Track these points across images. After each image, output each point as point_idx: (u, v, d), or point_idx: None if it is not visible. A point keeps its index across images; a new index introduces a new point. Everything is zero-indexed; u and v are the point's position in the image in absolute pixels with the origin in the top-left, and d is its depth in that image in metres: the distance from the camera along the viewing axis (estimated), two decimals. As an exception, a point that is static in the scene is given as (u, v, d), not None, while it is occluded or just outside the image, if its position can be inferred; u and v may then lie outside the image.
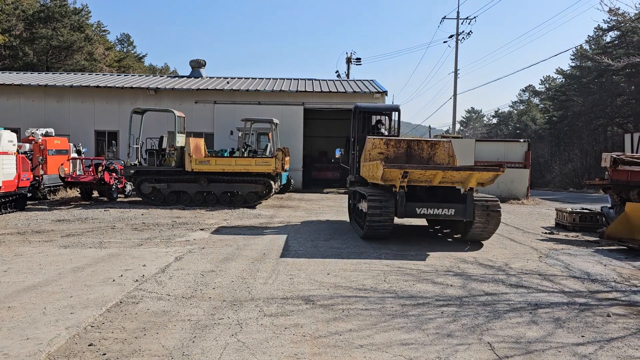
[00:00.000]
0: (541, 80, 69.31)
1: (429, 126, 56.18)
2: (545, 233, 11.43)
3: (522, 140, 22.39)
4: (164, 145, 16.12)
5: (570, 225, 12.05)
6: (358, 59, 44.61)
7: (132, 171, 15.21)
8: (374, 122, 12.85)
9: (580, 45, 47.65)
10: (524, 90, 71.41)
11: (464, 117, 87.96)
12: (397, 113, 12.54)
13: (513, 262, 8.04)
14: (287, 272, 6.93)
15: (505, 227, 12.27)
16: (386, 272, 7.02)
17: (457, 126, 49.27)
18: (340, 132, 28.98)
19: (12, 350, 4.11)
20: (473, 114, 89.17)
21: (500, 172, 8.75)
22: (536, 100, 66.10)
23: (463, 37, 35.28)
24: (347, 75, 43.89)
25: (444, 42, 38.05)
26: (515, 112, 68.56)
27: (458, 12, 35.56)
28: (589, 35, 52.73)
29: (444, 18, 36.77)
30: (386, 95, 22.60)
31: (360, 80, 27.02)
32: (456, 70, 34.98)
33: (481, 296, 5.96)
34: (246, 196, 15.13)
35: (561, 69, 53.25)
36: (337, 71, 63.94)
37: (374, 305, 5.48)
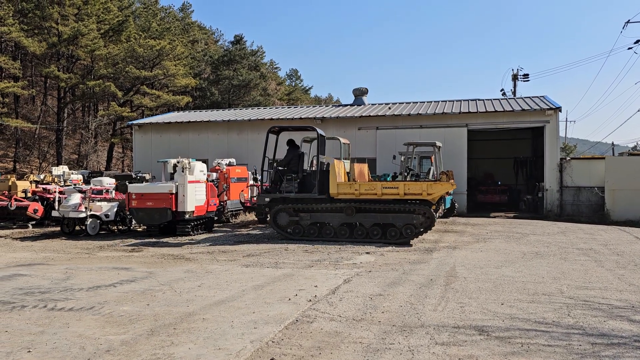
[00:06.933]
0: None
1: (612, 143, 49.85)
2: None
3: None
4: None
5: None
6: (525, 75, 41.79)
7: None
8: None
9: None
10: None
11: (656, 131, 76.70)
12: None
13: None
14: (457, 299, 6.69)
15: None
16: (569, 306, 6.36)
17: (649, 141, 43.11)
18: (508, 152, 27.38)
19: (207, 358, 4.60)
20: (669, 127, 77.24)
21: None
22: None
23: (653, 41, 31.05)
24: (513, 93, 41.31)
25: (629, 48, 33.76)
26: None
27: (646, 14, 31.53)
28: None
29: (627, 22, 33.10)
30: (560, 111, 20.79)
31: (528, 97, 25.22)
32: (646, 78, 30.87)
33: (694, 340, 5.07)
34: None
35: None
36: (502, 89, 60.51)
37: (558, 342, 4.99)
